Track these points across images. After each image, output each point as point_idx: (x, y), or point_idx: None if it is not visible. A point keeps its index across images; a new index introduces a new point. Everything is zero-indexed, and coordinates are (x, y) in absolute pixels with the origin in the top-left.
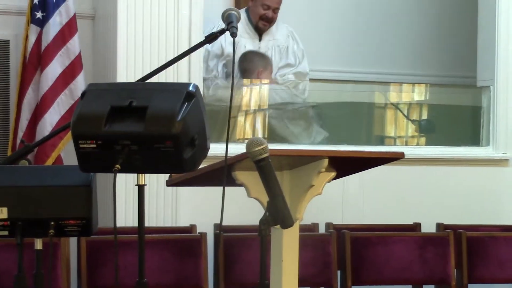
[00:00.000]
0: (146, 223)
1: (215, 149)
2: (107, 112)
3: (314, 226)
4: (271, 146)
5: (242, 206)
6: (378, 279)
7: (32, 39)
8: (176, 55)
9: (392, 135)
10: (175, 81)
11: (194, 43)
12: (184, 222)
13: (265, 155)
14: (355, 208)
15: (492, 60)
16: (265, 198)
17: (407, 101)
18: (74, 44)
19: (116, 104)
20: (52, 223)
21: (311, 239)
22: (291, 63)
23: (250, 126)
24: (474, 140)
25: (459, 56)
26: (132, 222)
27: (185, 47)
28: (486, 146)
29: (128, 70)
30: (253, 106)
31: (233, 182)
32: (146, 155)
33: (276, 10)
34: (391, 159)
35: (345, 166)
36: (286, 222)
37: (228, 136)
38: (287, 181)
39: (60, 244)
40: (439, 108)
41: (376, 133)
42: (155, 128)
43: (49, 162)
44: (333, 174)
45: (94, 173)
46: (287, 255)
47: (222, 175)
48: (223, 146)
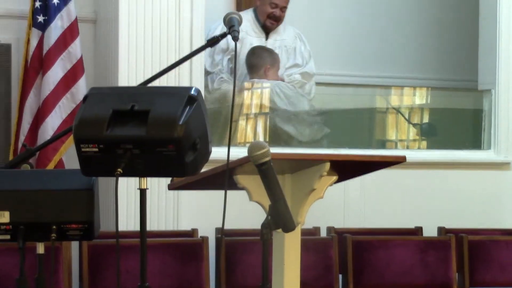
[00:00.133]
0: (148, 227)
1: (217, 153)
2: (109, 116)
3: (316, 230)
4: (273, 149)
5: (244, 210)
6: (380, 283)
7: (34, 43)
8: (177, 58)
9: (394, 138)
10: (177, 84)
11: (195, 46)
12: (185, 226)
13: (267, 159)
14: (356, 212)
15: (493, 63)
16: (266, 202)
17: (409, 104)
18: (76, 48)
19: (118, 108)
20: (54, 227)
21: (312, 243)
22: (299, 63)
23: (252, 130)
24: (476, 143)
25: (460, 60)
26: (134, 226)
27: (186, 51)
28: (487, 150)
29: (129, 73)
30: (254, 109)
31: (234, 186)
32: (148, 159)
33: (283, 9)
34: (392, 163)
35: (346, 170)
36: (288, 226)
37: (230, 140)
38: (289, 184)
39: (61, 248)
40: (441, 112)
41: (377, 136)
42: (157, 132)
43: (50, 166)
44: (334, 178)
45: (96, 177)
46: (289, 259)
47: (224, 179)
48: (224, 149)
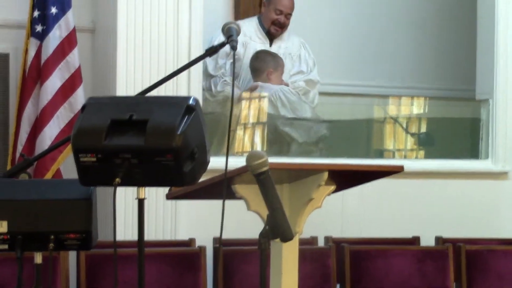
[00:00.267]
0: (145, 237)
1: (215, 162)
2: (108, 126)
3: (313, 240)
4: (271, 159)
5: (242, 219)
6: None
7: (32, 52)
8: (175, 68)
9: (391, 148)
10: (175, 94)
11: (193, 56)
12: (183, 236)
13: (265, 169)
14: (354, 222)
15: (491, 73)
16: (264, 212)
17: (406, 114)
18: (74, 58)
19: (116, 118)
20: (52, 236)
21: (310, 253)
22: (303, 70)
23: (249, 139)
24: (473, 153)
25: (458, 70)
26: (132, 236)
27: (184, 60)
28: (485, 159)
29: (127, 83)
30: (252, 119)
31: (232, 196)
32: (146, 168)
33: (288, 16)
34: (390, 172)
35: (344, 179)
36: (286, 235)
37: (228, 149)
38: (287, 194)
39: (59, 258)
40: (438, 121)
41: (375, 146)
42: (155, 141)
43: (48, 176)
44: (332, 188)
45: (94, 186)
46: (286, 268)
47: (222, 188)
48: (222, 159)
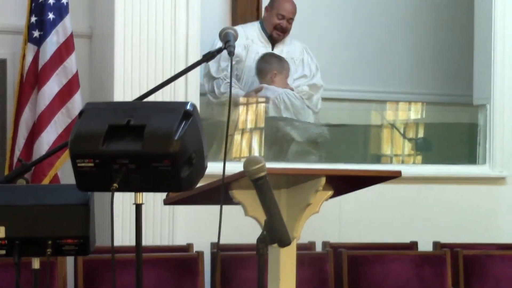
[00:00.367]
0: (143, 242)
1: (212, 167)
2: (105, 131)
3: (311, 245)
4: (269, 163)
5: (239, 224)
6: None
7: (29, 58)
8: (173, 73)
9: (389, 153)
10: (172, 99)
11: (191, 61)
12: (181, 241)
13: (262, 174)
14: (352, 227)
15: (488, 78)
16: (262, 217)
17: (404, 119)
18: (71, 63)
19: (114, 123)
20: (50, 242)
21: (308, 258)
22: (307, 74)
23: (247, 144)
24: (471, 158)
25: (455, 75)
26: (129, 241)
27: (182, 66)
28: (482, 164)
29: (125, 88)
30: (250, 124)
31: (230, 201)
32: (143, 173)
33: (290, 20)
34: (388, 178)
35: (342, 184)
36: (284, 240)
37: (226, 155)
38: (285, 199)
39: (57, 263)
40: (436, 127)
41: (372, 151)
42: (153, 147)
43: (46, 181)
44: (330, 193)
45: (92, 192)
46: (284, 273)
47: (220, 193)
48: (220, 164)
